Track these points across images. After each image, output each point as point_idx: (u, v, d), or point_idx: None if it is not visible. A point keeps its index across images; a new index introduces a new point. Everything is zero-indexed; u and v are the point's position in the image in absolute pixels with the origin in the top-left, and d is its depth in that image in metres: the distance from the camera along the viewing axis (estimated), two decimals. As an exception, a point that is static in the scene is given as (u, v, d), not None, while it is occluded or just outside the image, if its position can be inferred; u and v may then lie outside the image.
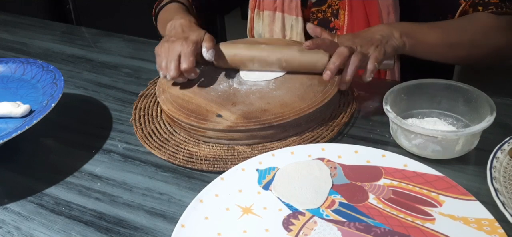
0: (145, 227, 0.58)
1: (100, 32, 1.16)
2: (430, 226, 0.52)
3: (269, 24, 0.94)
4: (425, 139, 0.62)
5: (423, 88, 0.70)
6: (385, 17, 0.85)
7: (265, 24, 0.95)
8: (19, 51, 1.10)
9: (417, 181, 0.58)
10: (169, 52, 0.75)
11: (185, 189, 0.64)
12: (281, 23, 0.92)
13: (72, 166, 0.69)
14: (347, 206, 0.56)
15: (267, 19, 0.94)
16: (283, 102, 0.72)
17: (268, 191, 0.59)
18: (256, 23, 0.96)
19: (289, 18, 0.91)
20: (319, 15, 0.91)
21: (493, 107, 0.62)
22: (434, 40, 0.77)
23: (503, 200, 0.53)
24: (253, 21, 0.97)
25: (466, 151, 0.63)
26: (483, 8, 0.79)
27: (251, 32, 0.99)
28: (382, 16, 0.85)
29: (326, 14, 0.91)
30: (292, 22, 0.91)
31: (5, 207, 0.63)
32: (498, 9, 0.78)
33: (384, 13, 0.85)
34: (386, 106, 0.65)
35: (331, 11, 0.90)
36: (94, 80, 0.94)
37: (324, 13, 0.91)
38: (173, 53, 0.75)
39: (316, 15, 0.92)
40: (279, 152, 0.65)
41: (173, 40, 0.76)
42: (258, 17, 0.95)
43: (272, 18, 0.93)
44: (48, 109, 0.70)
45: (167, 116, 0.76)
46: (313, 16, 0.92)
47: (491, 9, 0.78)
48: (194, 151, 0.69)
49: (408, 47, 0.75)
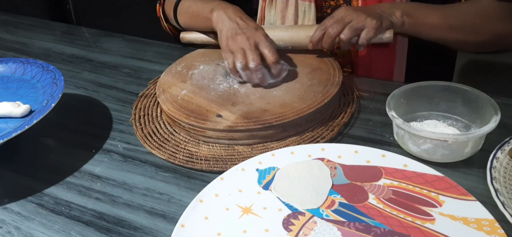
0: (145, 227, 0.58)
1: (100, 32, 1.16)
2: (430, 226, 0.52)
3: (282, 10, 0.94)
4: (435, 144, 0.61)
5: (421, 90, 0.69)
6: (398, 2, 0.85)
7: (277, 10, 0.94)
8: (19, 51, 1.10)
9: (417, 181, 0.58)
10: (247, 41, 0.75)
11: (185, 189, 0.64)
12: (294, 9, 0.92)
13: (72, 166, 0.70)
14: (347, 206, 0.56)
15: (280, 5, 0.94)
16: (283, 102, 0.72)
17: (268, 191, 0.59)
18: (267, 12, 0.96)
19: (302, 4, 0.91)
20: (331, 2, 0.91)
21: (496, 107, 0.62)
22: (434, 21, 0.78)
23: (503, 200, 0.53)
24: (264, 10, 0.96)
25: (473, 153, 0.63)
26: None
27: (261, 23, 0.99)
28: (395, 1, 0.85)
29: (339, 1, 0.91)
30: (305, 8, 0.91)
31: (5, 207, 0.63)
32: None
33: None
34: (390, 111, 0.64)
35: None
36: (94, 80, 0.94)
37: (337, 0, 0.91)
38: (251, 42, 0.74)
39: (329, 2, 0.92)
40: (279, 152, 0.65)
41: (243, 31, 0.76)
42: (270, 5, 0.95)
43: (285, 4, 0.93)
44: (48, 109, 0.70)
45: (167, 116, 0.76)
46: (326, 3, 0.92)
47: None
48: (194, 151, 0.69)
49: (407, 26, 0.78)
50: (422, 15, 0.78)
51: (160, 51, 1.04)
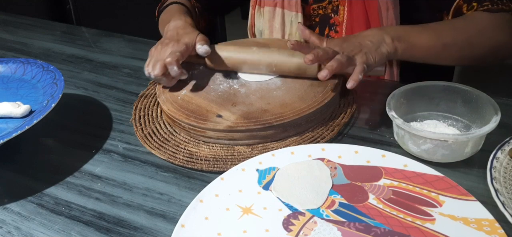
0: (145, 227, 0.58)
1: (100, 32, 1.16)
2: (430, 227, 0.52)
3: (269, 20, 0.94)
4: (435, 144, 0.61)
5: (421, 90, 0.69)
6: (384, 13, 0.85)
7: (265, 20, 0.95)
8: (19, 51, 1.10)
9: (417, 181, 0.58)
10: (160, 53, 0.76)
11: (185, 189, 0.64)
12: (281, 19, 0.92)
13: (72, 166, 0.70)
14: (347, 206, 0.56)
15: (268, 15, 0.94)
16: (283, 102, 0.72)
17: (268, 191, 0.59)
18: (257, 20, 0.96)
19: (289, 14, 0.91)
20: (320, 11, 0.91)
21: (496, 107, 0.62)
22: (427, 42, 0.76)
23: (503, 200, 0.53)
24: (254, 18, 0.97)
25: (473, 153, 0.63)
26: (478, 4, 0.78)
27: (252, 29, 0.99)
28: (381, 12, 0.85)
29: (326, 11, 0.91)
30: (292, 18, 0.91)
31: (5, 207, 0.63)
32: (494, 6, 0.77)
33: (383, 9, 0.84)
34: (390, 111, 0.64)
35: (332, 7, 0.90)
36: (94, 80, 0.94)
37: (324, 9, 0.91)
38: (163, 54, 0.75)
39: (317, 11, 0.92)
40: (279, 152, 0.65)
41: (167, 43, 0.77)
42: (259, 13, 0.96)
43: (272, 14, 0.93)
44: (48, 109, 0.70)
45: (167, 116, 0.76)
46: (314, 12, 0.92)
47: (487, 5, 0.77)
48: (194, 151, 0.69)
49: (400, 52, 0.74)
50: (414, 37, 0.75)
51: (160, 51, 1.04)
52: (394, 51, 0.74)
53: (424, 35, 0.76)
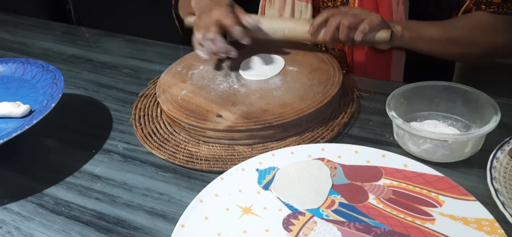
0: (145, 227, 0.58)
1: (100, 32, 1.16)
2: (430, 226, 0.52)
3: (280, 9, 0.95)
4: (435, 144, 0.61)
5: (421, 90, 0.69)
6: (394, 6, 0.86)
7: (275, 9, 0.96)
8: (19, 51, 1.10)
9: (417, 181, 0.58)
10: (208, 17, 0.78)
11: (185, 189, 0.64)
12: (291, 9, 0.93)
13: (72, 166, 0.70)
14: (347, 206, 0.56)
15: (278, 4, 0.95)
16: (283, 102, 0.72)
17: (268, 191, 0.59)
18: (267, 10, 0.97)
19: (299, 4, 0.92)
20: (329, 3, 0.92)
21: (496, 107, 0.62)
22: (433, 34, 0.80)
23: (503, 200, 0.53)
24: (264, 7, 0.98)
25: (473, 153, 0.63)
26: (486, 6, 0.81)
27: None
28: (392, 5, 0.86)
29: (336, 3, 0.91)
30: (302, 8, 0.92)
31: (5, 207, 0.63)
32: (499, 9, 0.81)
33: (394, 3, 0.86)
34: (390, 111, 0.64)
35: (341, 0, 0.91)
36: (94, 80, 0.94)
37: (334, 1, 0.91)
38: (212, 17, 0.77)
39: (327, 3, 0.92)
40: (279, 152, 0.65)
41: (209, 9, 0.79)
42: (270, 4, 0.97)
43: (283, 4, 0.94)
44: (48, 109, 0.70)
45: (167, 116, 0.76)
46: (324, 4, 0.93)
47: (493, 9, 0.81)
48: (194, 151, 0.69)
49: (407, 39, 0.78)
50: (421, 29, 0.80)
51: (160, 51, 1.04)
52: (401, 36, 0.78)
53: (431, 28, 0.80)
